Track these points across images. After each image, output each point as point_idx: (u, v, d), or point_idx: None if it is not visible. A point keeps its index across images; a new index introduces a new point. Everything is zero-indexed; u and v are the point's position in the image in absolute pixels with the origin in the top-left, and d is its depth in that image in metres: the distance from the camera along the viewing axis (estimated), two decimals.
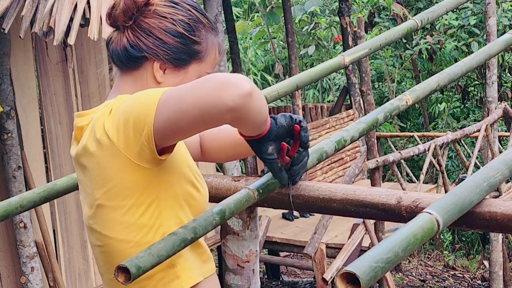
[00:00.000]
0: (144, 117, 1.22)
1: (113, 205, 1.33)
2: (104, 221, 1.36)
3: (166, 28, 1.38)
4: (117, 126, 1.27)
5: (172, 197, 1.35)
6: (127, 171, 1.29)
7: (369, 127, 1.62)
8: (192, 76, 1.42)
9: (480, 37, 9.10)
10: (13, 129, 4.41)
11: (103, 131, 1.29)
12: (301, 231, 6.43)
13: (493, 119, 6.49)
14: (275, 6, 11.32)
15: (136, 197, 1.32)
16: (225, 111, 1.16)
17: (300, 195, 1.52)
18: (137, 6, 1.38)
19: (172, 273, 1.37)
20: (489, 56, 2.12)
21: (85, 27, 3.62)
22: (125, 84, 1.43)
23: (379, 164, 5.35)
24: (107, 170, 1.31)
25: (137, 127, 1.24)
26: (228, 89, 1.15)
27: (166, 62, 1.39)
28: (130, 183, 1.30)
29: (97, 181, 1.34)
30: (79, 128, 1.39)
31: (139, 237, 1.34)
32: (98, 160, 1.32)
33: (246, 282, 1.79)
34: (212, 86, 1.17)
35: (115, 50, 1.42)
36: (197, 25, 1.42)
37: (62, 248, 4.94)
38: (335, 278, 0.95)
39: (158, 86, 1.39)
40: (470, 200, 1.20)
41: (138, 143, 1.25)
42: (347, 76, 8.76)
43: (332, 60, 2.10)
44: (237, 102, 1.15)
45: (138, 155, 1.27)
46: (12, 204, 1.62)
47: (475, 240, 9.56)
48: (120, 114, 1.28)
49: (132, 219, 1.33)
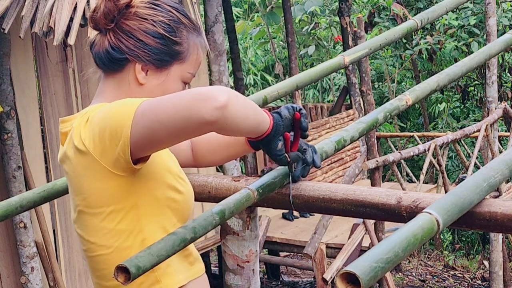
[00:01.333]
0: (120, 128, 1.23)
1: (92, 212, 1.35)
2: (86, 226, 1.38)
3: (146, 29, 1.39)
4: (93, 135, 1.28)
5: (151, 202, 1.36)
6: (104, 179, 1.30)
7: (369, 127, 1.62)
8: (174, 76, 1.42)
9: (480, 37, 9.10)
10: (13, 129, 4.41)
11: (80, 140, 1.30)
12: (301, 231, 6.43)
13: (493, 119, 6.49)
14: (275, 6, 11.33)
15: (113, 205, 1.33)
16: (202, 124, 1.18)
17: (300, 195, 1.52)
18: (118, 9, 1.38)
19: (152, 278, 1.38)
20: (489, 56, 2.12)
21: (85, 27, 3.62)
22: (108, 88, 1.43)
23: (379, 164, 5.35)
24: (83, 178, 1.32)
25: (113, 137, 1.25)
26: (203, 103, 1.16)
27: (148, 64, 1.39)
28: (106, 192, 1.31)
29: (76, 188, 1.36)
30: (63, 134, 1.40)
31: (119, 242, 1.35)
32: (75, 168, 1.34)
33: (246, 282, 1.79)
34: (188, 99, 1.18)
35: (97, 53, 1.42)
36: (177, 26, 1.42)
37: (62, 248, 4.94)
38: (335, 278, 0.95)
39: (140, 88, 1.40)
40: (470, 200, 1.20)
41: (114, 153, 1.26)
42: (347, 76, 8.76)
43: (332, 60, 2.10)
44: (213, 115, 1.16)
45: (113, 164, 1.28)
46: (12, 204, 1.62)
47: (475, 240, 9.56)
48: (96, 123, 1.28)
49: (111, 225, 1.34)
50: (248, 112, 1.25)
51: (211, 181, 1.73)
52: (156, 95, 1.37)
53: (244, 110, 1.23)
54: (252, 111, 1.27)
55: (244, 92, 8.61)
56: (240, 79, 8.53)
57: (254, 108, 1.28)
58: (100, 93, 1.45)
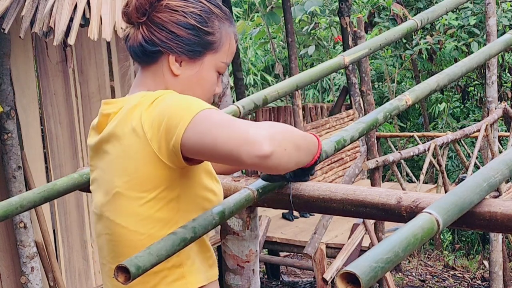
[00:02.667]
0: (176, 126, 1.24)
1: (132, 196, 1.34)
2: (119, 210, 1.36)
3: (178, 21, 1.40)
4: (152, 122, 1.29)
5: (191, 198, 1.37)
6: (154, 165, 1.30)
7: (369, 127, 1.62)
8: (208, 66, 1.43)
9: (480, 37, 9.10)
10: (13, 129, 4.41)
11: (139, 122, 1.30)
12: (301, 231, 6.43)
13: (493, 119, 6.49)
14: (275, 6, 11.32)
15: (158, 191, 1.32)
16: (242, 164, 1.19)
17: (300, 195, 1.52)
18: (150, 2, 1.40)
19: (178, 273, 1.38)
20: (489, 56, 2.12)
21: (85, 27, 3.63)
22: (146, 79, 1.44)
23: (379, 164, 5.35)
24: (132, 160, 1.32)
25: (168, 133, 1.26)
26: (246, 146, 1.16)
27: (181, 55, 1.40)
28: (154, 177, 1.31)
29: (120, 169, 1.34)
30: (105, 115, 1.40)
31: (154, 230, 1.34)
32: (125, 148, 1.33)
33: (246, 282, 1.79)
34: (236, 135, 1.18)
35: (132, 46, 1.43)
36: (209, 16, 1.42)
37: (62, 248, 4.94)
38: (335, 278, 0.94)
39: (175, 79, 1.42)
40: (470, 200, 1.20)
41: (168, 147, 1.27)
42: (347, 76, 8.76)
43: (332, 60, 2.10)
44: (253, 161, 1.17)
45: (167, 156, 1.29)
46: (12, 204, 1.61)
47: (475, 240, 9.57)
48: (157, 113, 1.29)
49: (150, 212, 1.34)
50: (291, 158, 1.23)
51: None
52: (192, 84, 1.41)
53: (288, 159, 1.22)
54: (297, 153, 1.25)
55: (244, 92, 8.61)
56: (240, 79, 8.54)
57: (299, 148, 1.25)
58: (139, 83, 1.45)
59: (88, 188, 1.68)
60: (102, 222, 1.41)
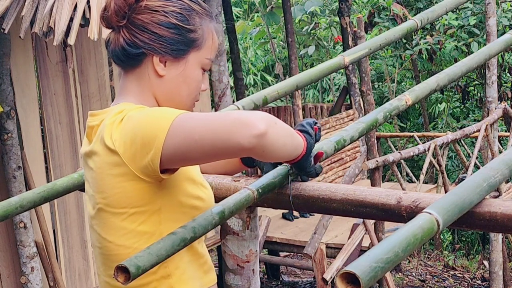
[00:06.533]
0: (153, 138, 1.23)
1: (113, 211, 1.34)
2: (104, 224, 1.36)
3: (159, 21, 1.38)
4: (124, 139, 1.27)
5: (174, 208, 1.36)
6: (129, 182, 1.29)
7: (369, 127, 1.62)
8: (193, 64, 1.42)
9: (480, 37, 9.10)
10: (13, 129, 4.41)
11: (111, 140, 1.29)
12: (301, 231, 6.43)
13: (493, 119, 6.49)
14: (275, 6, 11.32)
15: (137, 207, 1.32)
16: (239, 149, 1.19)
17: (300, 195, 1.52)
18: (129, 4, 1.38)
19: (167, 284, 1.37)
20: (489, 56, 2.12)
21: (85, 27, 3.62)
22: (130, 84, 1.42)
23: (379, 164, 5.35)
24: (108, 177, 1.31)
25: (145, 146, 1.24)
26: (242, 129, 1.17)
27: (165, 55, 1.39)
28: (131, 194, 1.31)
29: (98, 185, 1.34)
30: (90, 127, 1.40)
31: (139, 244, 1.34)
32: (101, 165, 1.32)
33: (246, 282, 1.79)
34: (227, 123, 1.19)
35: (114, 50, 1.42)
36: (190, 14, 1.41)
37: (62, 248, 4.94)
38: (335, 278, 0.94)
39: (161, 80, 1.40)
40: (470, 200, 1.20)
41: (143, 160, 1.26)
42: (347, 76, 8.75)
43: (332, 60, 2.10)
44: (250, 142, 1.17)
45: (141, 170, 1.28)
46: (12, 204, 1.61)
47: (475, 240, 9.56)
48: (129, 128, 1.28)
49: (132, 226, 1.33)
50: (285, 139, 1.26)
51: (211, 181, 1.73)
52: (178, 84, 1.39)
53: (282, 138, 1.24)
54: (289, 138, 1.28)
55: (244, 92, 8.61)
56: (240, 79, 8.53)
57: (291, 135, 1.29)
58: (123, 90, 1.43)
59: None
60: (93, 234, 1.42)
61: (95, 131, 1.37)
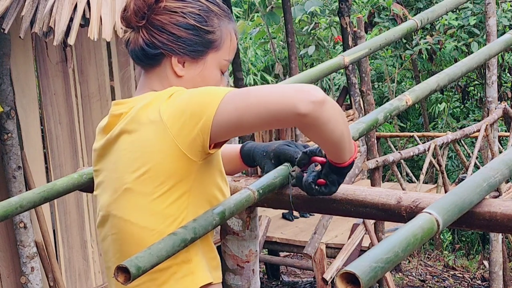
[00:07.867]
0: (204, 107, 1.24)
1: (143, 191, 1.32)
2: (128, 206, 1.35)
3: (177, 22, 1.39)
4: (173, 112, 1.28)
5: (201, 194, 1.35)
6: (171, 156, 1.29)
7: (369, 127, 1.62)
8: (211, 65, 1.43)
9: (480, 37, 9.10)
10: (13, 129, 4.41)
11: (157, 113, 1.30)
12: (301, 231, 6.43)
13: (493, 119, 6.49)
14: (275, 6, 11.32)
15: (170, 185, 1.31)
16: (295, 114, 1.19)
17: (300, 195, 1.52)
18: (148, 5, 1.39)
19: (186, 269, 1.36)
20: (489, 56, 2.12)
21: (85, 27, 3.63)
22: (151, 81, 1.43)
23: (379, 164, 5.35)
24: (148, 152, 1.30)
25: (194, 116, 1.26)
26: (300, 94, 1.19)
27: (183, 56, 1.40)
28: (169, 169, 1.30)
29: (132, 164, 1.33)
30: (116, 116, 1.39)
31: (163, 226, 1.33)
32: (140, 141, 1.32)
33: (246, 282, 1.79)
34: (285, 89, 1.21)
35: (133, 50, 1.43)
36: (208, 15, 1.42)
37: (62, 248, 4.94)
38: (335, 278, 0.94)
39: (179, 80, 1.41)
40: (470, 200, 1.20)
41: (192, 133, 1.26)
42: (347, 76, 8.76)
43: (332, 60, 2.10)
44: (307, 107, 1.18)
45: (188, 145, 1.28)
46: (12, 204, 1.61)
47: (475, 240, 9.57)
48: (178, 103, 1.29)
49: (160, 208, 1.33)
50: (340, 121, 1.25)
51: None
52: (196, 84, 1.39)
53: (337, 117, 1.24)
54: (344, 125, 1.27)
55: None
56: (240, 79, 8.53)
57: (346, 124, 1.28)
58: (143, 87, 1.44)
59: (88, 188, 1.67)
60: (109, 223, 1.40)
61: (122, 118, 1.37)
